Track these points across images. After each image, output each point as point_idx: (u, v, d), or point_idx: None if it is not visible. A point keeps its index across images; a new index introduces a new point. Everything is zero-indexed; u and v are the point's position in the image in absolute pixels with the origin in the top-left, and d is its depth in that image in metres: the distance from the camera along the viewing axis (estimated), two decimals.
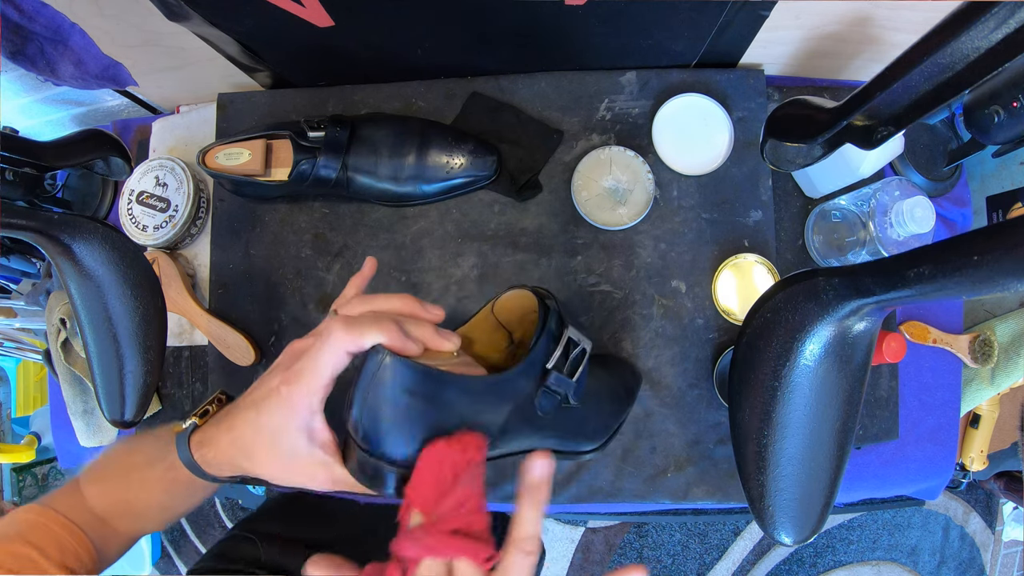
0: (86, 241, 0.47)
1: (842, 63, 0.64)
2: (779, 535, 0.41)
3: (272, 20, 0.52)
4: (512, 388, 0.36)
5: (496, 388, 0.35)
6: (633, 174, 0.61)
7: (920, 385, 0.67)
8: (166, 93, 0.72)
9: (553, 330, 0.38)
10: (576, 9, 0.51)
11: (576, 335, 0.39)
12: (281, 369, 0.36)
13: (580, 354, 0.39)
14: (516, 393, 0.36)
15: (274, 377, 0.36)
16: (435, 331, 0.35)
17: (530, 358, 0.36)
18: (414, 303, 0.37)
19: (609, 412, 0.50)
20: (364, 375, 0.32)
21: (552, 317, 0.38)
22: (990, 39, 0.30)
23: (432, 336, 0.35)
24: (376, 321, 0.33)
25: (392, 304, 0.37)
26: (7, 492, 1.22)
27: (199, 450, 0.39)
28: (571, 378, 0.39)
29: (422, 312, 0.37)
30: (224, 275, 0.68)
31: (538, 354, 0.37)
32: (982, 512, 1.53)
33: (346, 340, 0.33)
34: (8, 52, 0.55)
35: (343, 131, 0.60)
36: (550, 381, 0.37)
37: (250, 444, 0.36)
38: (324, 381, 0.34)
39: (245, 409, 0.36)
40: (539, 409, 0.38)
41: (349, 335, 0.32)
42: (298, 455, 0.35)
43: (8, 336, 0.87)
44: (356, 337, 0.32)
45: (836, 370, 0.38)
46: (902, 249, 0.35)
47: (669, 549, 1.51)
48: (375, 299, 0.37)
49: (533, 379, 0.37)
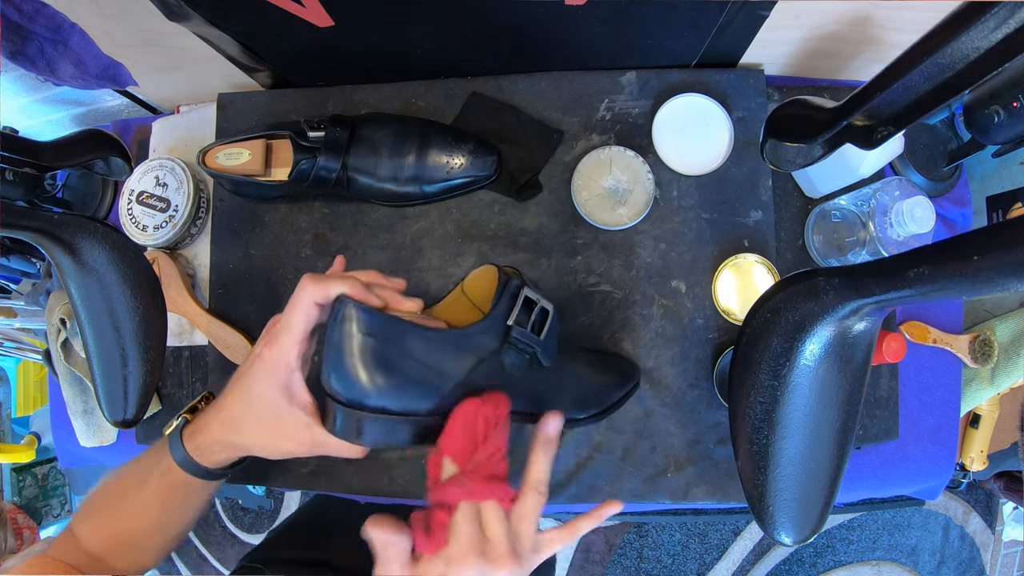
0: (86, 241, 0.47)
1: (842, 63, 0.64)
2: (779, 535, 0.41)
3: (272, 20, 0.52)
4: (474, 342, 0.38)
5: (456, 340, 0.37)
6: (633, 174, 0.61)
7: (920, 385, 0.67)
8: (166, 93, 0.72)
9: (513, 292, 0.40)
10: (576, 9, 0.51)
11: (535, 295, 0.41)
12: (262, 338, 0.40)
13: (542, 313, 0.41)
14: (479, 348, 0.38)
15: (256, 346, 0.40)
16: (396, 294, 0.39)
17: (490, 314, 0.39)
18: (378, 275, 0.41)
19: (592, 385, 0.51)
20: (331, 321, 0.35)
21: (512, 282, 0.40)
22: (990, 39, 0.30)
23: (393, 297, 0.39)
24: (341, 277, 0.37)
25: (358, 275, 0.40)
26: (7, 492, 1.22)
27: (191, 440, 0.41)
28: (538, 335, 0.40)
29: (385, 282, 0.41)
30: (224, 275, 0.68)
31: (499, 312, 0.39)
32: (982, 512, 1.53)
33: (314, 291, 0.36)
34: (8, 52, 0.55)
35: (343, 131, 0.60)
36: (514, 336, 0.39)
37: (238, 416, 0.39)
38: (298, 336, 0.38)
39: (233, 384, 0.39)
40: (507, 367, 0.39)
41: (316, 286, 0.36)
42: (281, 418, 0.38)
43: (8, 336, 0.87)
44: (322, 288, 0.36)
45: (836, 370, 0.38)
46: (902, 249, 0.35)
47: (669, 549, 1.51)
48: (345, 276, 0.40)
49: (496, 336, 0.39)
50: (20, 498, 1.23)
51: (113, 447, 0.73)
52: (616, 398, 0.53)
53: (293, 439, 0.38)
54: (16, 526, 1.15)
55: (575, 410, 0.49)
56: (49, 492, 1.28)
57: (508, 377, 0.40)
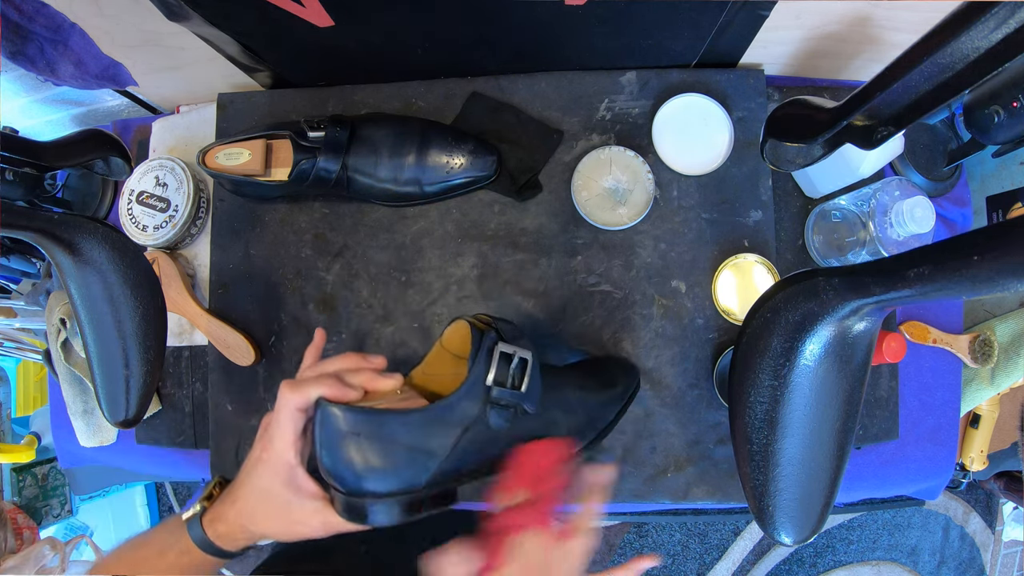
0: (86, 241, 0.47)
1: (842, 63, 0.64)
2: (779, 535, 0.41)
3: (272, 20, 0.52)
4: (456, 414, 0.39)
5: (438, 415, 0.38)
6: (633, 174, 0.61)
7: (920, 385, 0.67)
8: (166, 93, 0.72)
9: (487, 349, 0.40)
10: (576, 9, 0.51)
11: (510, 348, 0.40)
12: (258, 439, 0.43)
13: (521, 363, 0.41)
14: (463, 418, 0.39)
15: (255, 448, 0.42)
16: (374, 375, 0.41)
17: (467, 380, 0.39)
18: (356, 358, 0.42)
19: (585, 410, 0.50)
20: (315, 425, 0.37)
21: (486, 338, 0.40)
22: (990, 39, 0.30)
23: (372, 379, 0.40)
24: (316, 378, 0.39)
25: (340, 364, 0.42)
26: (7, 492, 1.22)
27: (211, 527, 0.43)
28: (519, 389, 0.40)
29: (364, 364, 0.42)
30: (224, 275, 0.68)
31: (476, 375, 0.39)
32: (982, 512, 1.53)
33: (293, 399, 0.38)
34: (8, 52, 0.55)
35: (343, 131, 0.60)
36: (495, 396, 0.39)
37: (251, 509, 0.41)
38: (290, 439, 0.40)
39: (242, 480, 0.42)
40: (492, 427, 0.40)
41: (294, 394, 0.38)
42: (291, 508, 0.40)
43: (8, 336, 0.87)
44: (301, 395, 0.38)
45: (836, 370, 0.38)
46: (902, 249, 0.35)
47: (669, 549, 1.51)
48: (323, 364, 0.43)
49: (478, 400, 0.39)
50: (20, 498, 1.23)
51: (113, 447, 0.73)
52: (613, 414, 0.53)
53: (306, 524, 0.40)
54: (16, 526, 1.14)
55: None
56: (49, 492, 1.28)
57: (496, 434, 0.40)
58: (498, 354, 0.40)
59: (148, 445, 0.72)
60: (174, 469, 0.74)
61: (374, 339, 0.65)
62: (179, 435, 0.71)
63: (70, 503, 1.33)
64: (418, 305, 0.65)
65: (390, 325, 0.65)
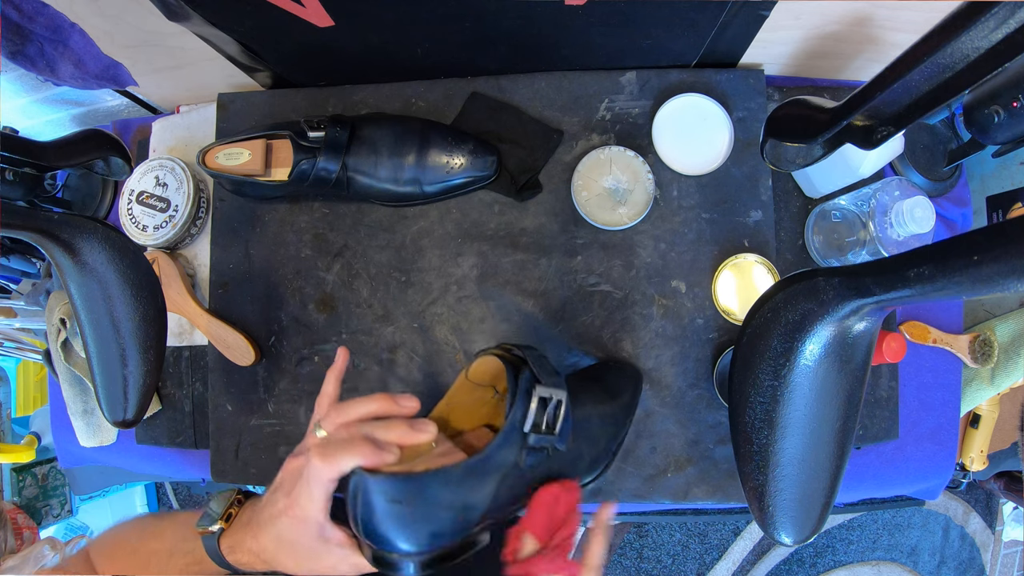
0: (86, 241, 0.47)
1: (842, 63, 0.64)
2: (779, 535, 0.41)
3: (272, 20, 0.52)
4: (494, 463, 0.37)
5: (477, 468, 0.37)
6: (633, 174, 0.61)
7: (920, 385, 0.67)
8: (166, 93, 0.72)
9: (525, 392, 0.39)
10: (576, 9, 0.51)
11: (548, 391, 0.39)
12: (283, 492, 0.38)
13: (556, 406, 0.40)
14: (500, 466, 0.38)
15: (280, 500, 0.38)
16: (408, 428, 0.37)
17: (505, 429, 0.38)
18: (387, 402, 0.39)
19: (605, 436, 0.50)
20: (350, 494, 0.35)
21: (522, 379, 0.39)
22: (990, 39, 0.30)
23: (406, 434, 0.37)
24: (348, 446, 0.35)
25: (368, 408, 0.39)
26: (7, 492, 1.22)
27: (231, 554, 0.41)
28: (553, 432, 0.39)
29: (396, 409, 0.39)
30: (224, 275, 0.68)
31: (513, 421, 0.38)
32: (982, 512, 1.53)
33: (326, 471, 0.35)
34: (8, 52, 0.55)
35: (343, 131, 0.60)
36: (531, 442, 0.38)
37: (273, 555, 0.39)
38: (320, 505, 0.37)
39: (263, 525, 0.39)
40: (526, 468, 0.39)
41: (327, 466, 0.35)
42: (319, 556, 0.38)
43: (8, 336, 0.87)
44: (334, 468, 0.35)
45: (836, 370, 0.38)
46: (902, 249, 0.35)
47: (669, 549, 1.51)
48: (349, 408, 0.39)
49: (514, 446, 0.38)
50: (20, 498, 1.23)
51: (113, 447, 0.73)
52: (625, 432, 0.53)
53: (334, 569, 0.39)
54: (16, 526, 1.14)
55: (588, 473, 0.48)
56: (49, 492, 1.28)
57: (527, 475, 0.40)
58: (537, 399, 0.38)
59: (148, 445, 0.72)
60: (174, 469, 0.74)
61: (374, 339, 0.65)
62: (179, 435, 0.71)
63: (70, 503, 1.33)
64: (418, 305, 0.65)
65: (390, 325, 0.65)
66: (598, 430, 0.49)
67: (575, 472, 0.45)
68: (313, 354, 0.66)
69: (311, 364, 0.66)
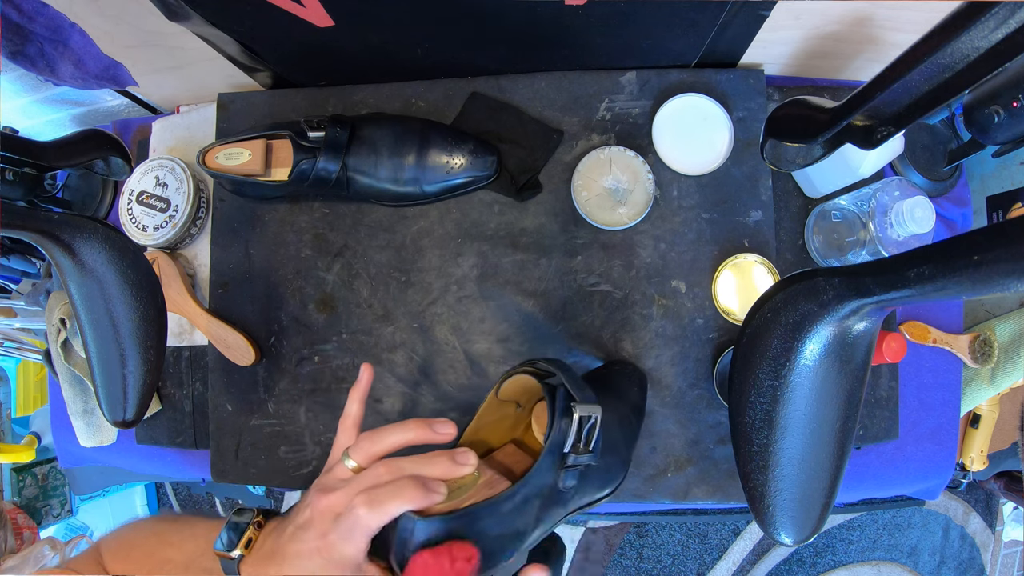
0: (86, 241, 0.47)
1: (842, 63, 0.64)
2: (779, 535, 0.41)
3: (272, 20, 0.52)
4: (535, 487, 0.37)
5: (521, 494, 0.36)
6: (633, 174, 0.61)
7: (920, 385, 0.67)
8: (166, 93, 0.72)
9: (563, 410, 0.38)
10: (576, 9, 0.51)
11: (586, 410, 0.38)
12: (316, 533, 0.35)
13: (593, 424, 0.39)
14: (542, 487, 0.37)
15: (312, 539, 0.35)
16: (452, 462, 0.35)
17: (547, 451, 0.37)
18: (423, 429, 0.37)
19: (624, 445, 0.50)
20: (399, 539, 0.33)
21: (559, 398, 0.38)
22: (990, 39, 0.30)
23: (450, 468, 0.35)
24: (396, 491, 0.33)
25: (404, 436, 0.37)
26: (7, 492, 1.22)
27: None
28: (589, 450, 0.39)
29: (432, 436, 0.37)
30: (224, 275, 0.68)
31: (554, 443, 0.37)
32: (982, 512, 1.53)
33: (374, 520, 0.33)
34: (8, 52, 0.55)
35: (343, 131, 0.60)
36: (570, 462, 0.38)
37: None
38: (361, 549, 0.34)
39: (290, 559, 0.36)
40: (563, 488, 0.39)
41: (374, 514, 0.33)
42: None
43: (8, 336, 0.87)
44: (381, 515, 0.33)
45: (836, 370, 0.37)
46: (902, 249, 0.35)
47: (669, 549, 1.51)
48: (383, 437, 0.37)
49: (554, 469, 0.38)
50: (20, 498, 1.23)
51: (113, 447, 0.73)
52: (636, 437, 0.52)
53: None
54: (16, 526, 1.14)
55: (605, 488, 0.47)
56: (49, 492, 1.28)
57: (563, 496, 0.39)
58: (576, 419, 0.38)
59: (148, 445, 0.72)
60: (174, 469, 0.74)
61: (374, 339, 0.65)
62: (179, 435, 0.71)
63: (70, 503, 1.33)
64: (418, 305, 0.65)
65: (390, 325, 0.65)
66: (618, 438, 0.49)
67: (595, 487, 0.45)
68: (313, 354, 0.66)
69: (311, 364, 0.66)
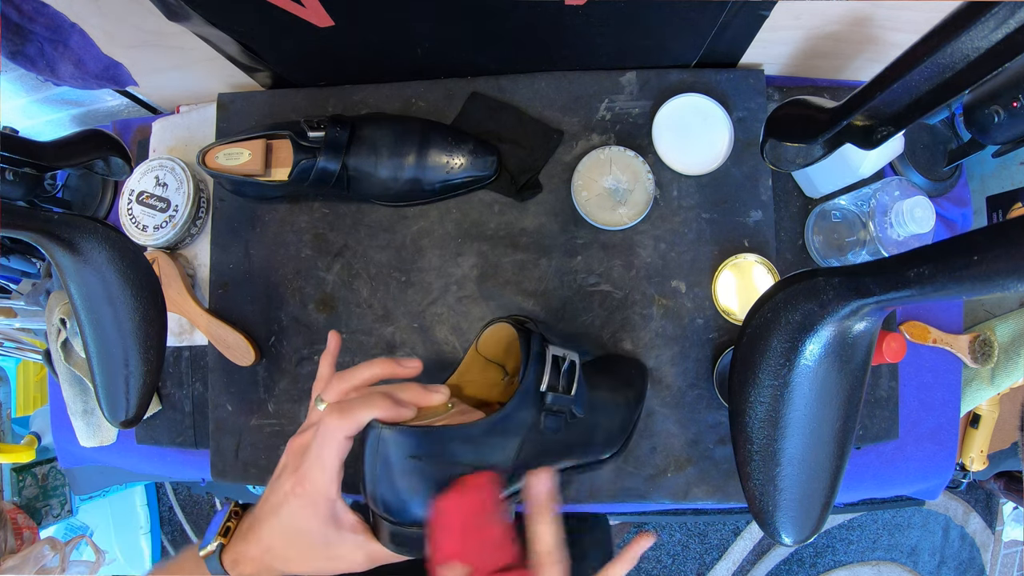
0: (86, 241, 0.47)
1: (842, 63, 0.64)
2: (779, 535, 0.41)
3: (272, 20, 0.52)
4: (514, 422, 0.37)
5: (497, 427, 0.36)
6: (633, 174, 0.61)
7: (920, 385, 0.67)
8: (166, 93, 0.72)
9: (538, 353, 0.38)
10: (576, 9, 0.51)
11: (560, 351, 0.39)
12: (289, 471, 0.36)
13: (571, 367, 0.39)
14: (520, 425, 0.37)
15: (285, 481, 0.36)
16: (422, 388, 0.36)
17: (522, 387, 0.37)
18: (391, 365, 0.38)
19: (620, 414, 0.50)
20: (368, 451, 0.33)
21: (534, 341, 0.38)
22: (990, 39, 0.30)
23: (421, 394, 0.36)
24: (366, 400, 0.34)
25: (372, 371, 0.38)
26: (7, 492, 1.22)
27: (234, 569, 0.38)
28: (569, 393, 0.39)
29: (400, 371, 0.38)
30: (224, 275, 0.68)
31: (529, 381, 0.37)
32: (982, 512, 1.53)
33: (342, 427, 0.34)
34: (8, 52, 0.55)
35: (343, 131, 0.60)
36: (549, 402, 0.38)
37: (282, 550, 0.36)
38: (333, 473, 0.35)
39: (266, 517, 0.37)
40: (546, 431, 0.38)
41: (344, 421, 0.33)
42: (331, 545, 0.36)
43: (8, 336, 0.87)
44: (350, 421, 0.34)
45: (836, 370, 0.38)
46: (902, 249, 0.35)
47: (669, 549, 1.51)
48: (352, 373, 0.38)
49: (532, 407, 0.38)
50: (20, 498, 1.23)
51: (113, 447, 0.73)
52: (637, 415, 0.52)
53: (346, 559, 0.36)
54: (16, 526, 1.14)
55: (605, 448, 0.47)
56: (49, 492, 1.28)
57: (548, 442, 0.39)
58: (550, 358, 0.38)
59: (148, 445, 0.72)
60: (174, 469, 0.74)
61: (374, 339, 0.65)
62: (179, 435, 0.71)
63: (70, 503, 1.32)
64: (418, 305, 0.65)
65: (390, 325, 0.65)
66: (612, 407, 0.49)
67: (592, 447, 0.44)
68: (313, 354, 0.66)
69: (311, 364, 0.66)
